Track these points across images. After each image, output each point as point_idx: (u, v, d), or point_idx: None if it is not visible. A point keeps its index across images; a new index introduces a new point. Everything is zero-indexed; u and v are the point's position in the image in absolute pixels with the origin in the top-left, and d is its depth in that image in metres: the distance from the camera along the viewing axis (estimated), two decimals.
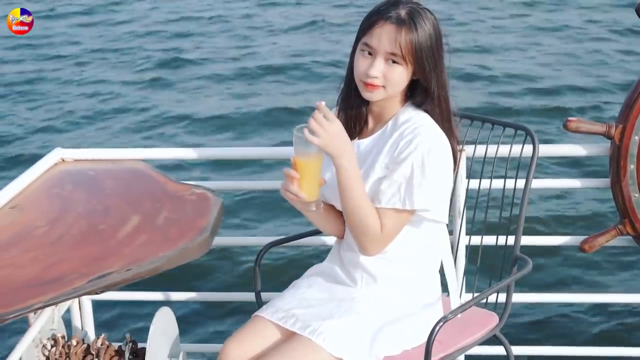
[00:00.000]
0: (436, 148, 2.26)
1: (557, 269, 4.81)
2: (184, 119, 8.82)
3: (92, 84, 10.37)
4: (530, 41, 11.32)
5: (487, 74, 9.85)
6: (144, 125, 8.66)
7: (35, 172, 2.94)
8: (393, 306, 2.41)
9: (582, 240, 3.01)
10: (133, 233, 2.44)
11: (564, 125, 2.88)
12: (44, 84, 10.47)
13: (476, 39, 11.46)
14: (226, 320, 4.18)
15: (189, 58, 11.16)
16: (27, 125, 8.87)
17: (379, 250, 2.32)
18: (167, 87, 10.07)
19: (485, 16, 12.85)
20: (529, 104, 8.63)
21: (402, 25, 2.21)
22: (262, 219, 5.91)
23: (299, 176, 2.19)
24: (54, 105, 9.56)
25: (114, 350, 2.70)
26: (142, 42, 12.27)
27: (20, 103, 9.78)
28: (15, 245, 2.40)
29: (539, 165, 6.15)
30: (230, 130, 8.37)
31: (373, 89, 2.27)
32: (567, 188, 3.11)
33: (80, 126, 8.76)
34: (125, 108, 9.34)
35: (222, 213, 2.63)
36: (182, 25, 13.17)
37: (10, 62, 11.61)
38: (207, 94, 9.73)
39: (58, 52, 11.93)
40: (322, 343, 2.26)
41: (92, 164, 3.07)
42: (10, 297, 2.07)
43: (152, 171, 2.95)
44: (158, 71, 10.76)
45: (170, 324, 2.74)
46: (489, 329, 2.61)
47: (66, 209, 2.64)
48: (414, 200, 2.25)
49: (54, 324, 2.76)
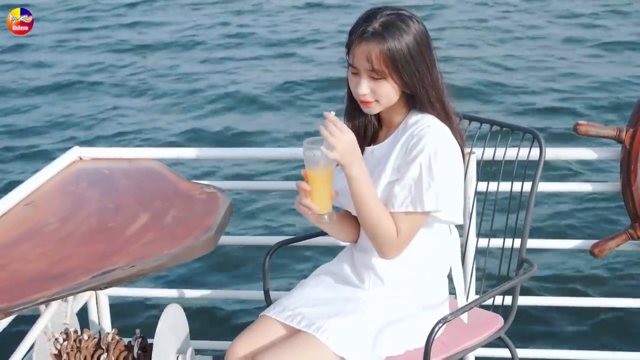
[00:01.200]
0: (443, 148, 2.27)
1: (566, 272, 4.78)
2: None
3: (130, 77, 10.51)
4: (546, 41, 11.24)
5: (505, 75, 9.82)
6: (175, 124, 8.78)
7: (52, 170, 3.01)
8: (398, 307, 2.43)
9: (593, 244, 3.01)
10: (141, 231, 2.49)
11: (574, 129, 2.89)
12: (77, 80, 10.64)
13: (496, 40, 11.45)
14: (238, 317, 4.23)
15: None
16: (57, 121, 9.03)
17: (397, 253, 2.35)
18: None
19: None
20: (546, 105, 8.60)
21: (373, 39, 2.22)
22: (273, 218, 5.96)
23: (309, 189, 2.23)
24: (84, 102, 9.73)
25: (124, 346, 2.76)
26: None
27: (59, 99, 9.96)
28: (26, 241, 2.46)
29: (551, 168, 6.17)
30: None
31: (368, 105, 2.32)
32: (577, 192, 3.08)
33: (116, 123, 8.90)
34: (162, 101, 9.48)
35: (230, 212, 2.67)
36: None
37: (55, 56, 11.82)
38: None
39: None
40: (326, 340, 2.29)
41: (108, 163, 3.14)
42: (16, 292, 2.13)
43: (166, 170, 3.00)
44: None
45: (179, 320, 2.79)
46: (494, 331, 2.62)
47: (78, 207, 2.71)
48: (424, 202, 2.26)
49: (66, 318, 2.82)
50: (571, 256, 4.95)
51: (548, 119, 8.08)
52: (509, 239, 2.72)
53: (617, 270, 4.81)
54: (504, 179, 2.78)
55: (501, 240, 2.76)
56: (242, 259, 5.06)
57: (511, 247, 2.69)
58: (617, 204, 4.01)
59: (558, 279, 4.65)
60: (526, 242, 2.66)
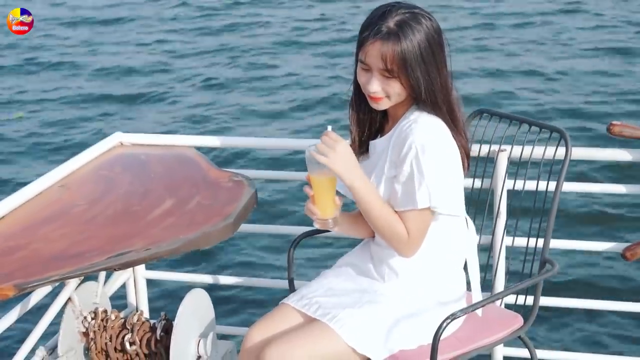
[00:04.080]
0: (431, 144, 2.26)
1: (596, 274, 4.67)
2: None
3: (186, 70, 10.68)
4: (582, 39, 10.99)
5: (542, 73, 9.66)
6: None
7: (91, 153, 3.11)
8: (413, 301, 2.44)
9: (625, 247, 2.95)
10: (163, 215, 2.56)
11: (608, 129, 2.83)
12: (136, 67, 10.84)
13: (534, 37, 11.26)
14: (266, 305, 4.29)
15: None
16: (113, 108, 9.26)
17: (413, 251, 2.35)
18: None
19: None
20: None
21: (388, 39, 2.21)
22: (301, 209, 6.03)
23: (312, 193, 2.27)
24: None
25: (148, 327, 2.83)
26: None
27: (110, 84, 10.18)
28: (53, 221, 2.56)
29: (585, 168, 6.05)
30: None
31: (378, 101, 2.32)
32: (611, 193, 3.01)
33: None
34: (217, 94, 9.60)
35: (253, 202, 2.71)
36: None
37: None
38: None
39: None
40: (339, 330, 2.32)
41: (146, 149, 3.22)
42: (34, 269, 2.22)
43: (199, 158, 3.06)
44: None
45: (202, 305, 2.85)
46: (512, 330, 2.59)
47: (108, 190, 2.79)
48: (416, 200, 2.27)
49: (97, 298, 2.91)
50: (603, 258, 4.84)
51: (588, 120, 7.95)
52: (533, 239, 2.69)
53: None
54: (532, 177, 2.75)
55: (530, 239, 2.73)
56: (281, 247, 5.13)
57: (534, 247, 2.67)
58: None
59: (588, 281, 4.55)
60: (549, 243, 2.62)
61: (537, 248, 2.66)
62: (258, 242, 5.33)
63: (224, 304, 4.37)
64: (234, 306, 4.48)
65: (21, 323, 2.73)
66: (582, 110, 8.26)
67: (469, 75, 9.62)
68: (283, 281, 3.15)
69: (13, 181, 7.12)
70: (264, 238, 5.34)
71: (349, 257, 2.65)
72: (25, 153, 8.09)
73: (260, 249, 5.24)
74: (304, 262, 4.96)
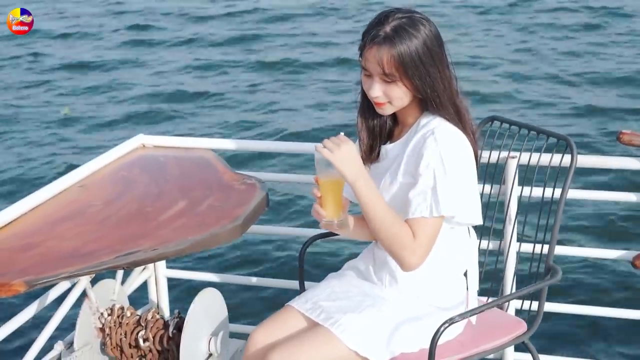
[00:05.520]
0: (453, 152, 2.29)
1: (605, 282, 4.64)
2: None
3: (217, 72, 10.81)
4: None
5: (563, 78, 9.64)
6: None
7: (113, 154, 3.20)
8: (415, 306, 2.47)
9: (635, 255, 2.95)
10: (174, 217, 2.64)
11: (617, 138, 2.84)
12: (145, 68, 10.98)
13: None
14: (280, 305, 4.37)
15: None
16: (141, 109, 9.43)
17: (418, 259, 2.30)
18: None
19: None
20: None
21: (385, 44, 2.25)
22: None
23: (319, 195, 2.31)
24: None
25: (162, 324, 2.91)
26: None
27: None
28: (69, 220, 2.65)
29: (594, 176, 6.02)
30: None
31: (381, 106, 2.37)
32: (620, 201, 3.01)
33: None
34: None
35: (264, 204, 2.77)
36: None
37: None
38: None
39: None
40: (340, 335, 2.36)
41: (167, 151, 3.30)
42: (45, 266, 2.31)
43: (216, 161, 3.13)
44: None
45: (215, 304, 2.92)
46: (515, 336, 2.62)
47: (125, 191, 2.88)
48: (440, 207, 2.28)
49: (114, 295, 3.00)
50: (613, 266, 4.80)
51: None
52: (541, 245, 2.71)
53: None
54: (540, 184, 2.77)
55: (537, 245, 2.76)
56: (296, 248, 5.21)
57: (540, 253, 2.69)
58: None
59: (597, 288, 4.53)
60: (554, 249, 2.65)
61: (542, 254, 2.69)
62: (286, 243, 5.40)
63: (242, 303, 4.46)
64: (253, 305, 4.56)
65: (39, 318, 2.84)
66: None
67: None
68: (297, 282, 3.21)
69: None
70: (291, 239, 5.41)
71: (355, 261, 2.70)
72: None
73: (287, 249, 5.33)
74: (323, 262, 5.02)
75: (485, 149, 2.90)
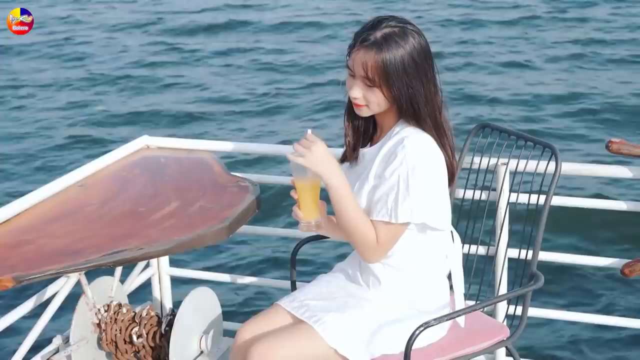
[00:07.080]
0: (421, 162, 2.34)
1: (594, 290, 4.63)
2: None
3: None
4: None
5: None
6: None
7: (116, 155, 3.28)
8: (398, 308, 2.52)
9: (624, 264, 2.96)
10: (165, 217, 2.71)
11: (606, 146, 2.86)
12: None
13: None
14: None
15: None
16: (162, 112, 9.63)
17: (377, 258, 2.46)
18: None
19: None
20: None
21: (372, 49, 2.30)
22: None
23: (297, 196, 2.38)
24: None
25: (156, 321, 2.99)
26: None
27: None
28: (63, 219, 2.74)
29: (588, 184, 5.98)
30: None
31: (359, 107, 2.42)
32: (609, 209, 3.03)
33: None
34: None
35: (255, 206, 2.83)
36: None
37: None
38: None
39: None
40: (322, 332, 2.42)
41: (169, 152, 3.37)
42: (35, 263, 2.39)
43: (214, 162, 3.20)
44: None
45: (207, 303, 3.00)
46: (497, 340, 2.65)
47: (122, 191, 2.96)
48: (398, 215, 2.36)
49: (112, 292, 3.08)
50: (601, 274, 4.79)
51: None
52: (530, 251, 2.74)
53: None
54: (527, 191, 2.80)
55: (523, 252, 2.79)
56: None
57: (523, 259, 2.72)
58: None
59: (586, 295, 4.52)
60: (537, 256, 2.68)
61: (526, 260, 2.72)
62: (293, 242, 5.46)
63: (242, 302, 4.52)
64: (252, 304, 4.62)
65: (35, 314, 2.93)
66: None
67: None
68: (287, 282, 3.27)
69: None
70: (293, 239, 5.48)
71: (343, 263, 2.75)
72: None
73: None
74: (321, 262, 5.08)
75: (476, 156, 2.94)
